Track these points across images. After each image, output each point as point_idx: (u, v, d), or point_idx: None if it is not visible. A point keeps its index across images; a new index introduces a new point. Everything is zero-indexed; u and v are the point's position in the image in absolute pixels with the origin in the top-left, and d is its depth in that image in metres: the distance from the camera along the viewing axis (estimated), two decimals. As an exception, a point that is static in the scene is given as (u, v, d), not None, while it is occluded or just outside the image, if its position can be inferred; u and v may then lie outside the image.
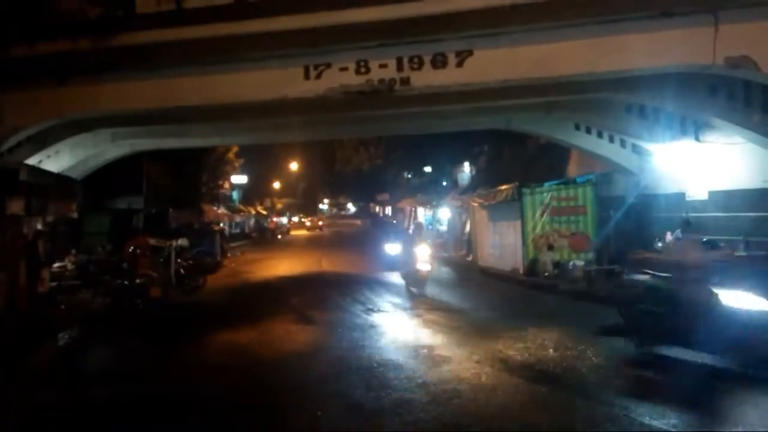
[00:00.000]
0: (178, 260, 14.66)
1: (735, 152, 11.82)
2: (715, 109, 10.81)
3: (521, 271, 15.28)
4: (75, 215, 15.14)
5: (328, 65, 9.90)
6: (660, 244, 12.34)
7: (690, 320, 6.66)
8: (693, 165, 12.95)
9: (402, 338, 9.33)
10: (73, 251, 14.25)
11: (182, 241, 15.66)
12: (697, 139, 12.42)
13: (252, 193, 50.30)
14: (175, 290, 14.01)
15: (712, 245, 8.43)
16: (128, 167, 20.68)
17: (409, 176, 46.03)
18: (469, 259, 19.31)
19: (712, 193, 12.69)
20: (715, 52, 8.47)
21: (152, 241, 14.38)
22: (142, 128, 15.66)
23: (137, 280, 12.49)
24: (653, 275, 7.75)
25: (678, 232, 12.22)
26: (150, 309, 12.16)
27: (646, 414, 5.51)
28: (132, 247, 13.90)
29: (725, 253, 8.25)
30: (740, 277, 6.70)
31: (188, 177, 29.80)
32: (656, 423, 5.30)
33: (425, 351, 8.34)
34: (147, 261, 13.68)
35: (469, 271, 18.20)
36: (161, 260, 14.19)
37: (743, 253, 9.02)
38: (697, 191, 13.04)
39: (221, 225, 30.19)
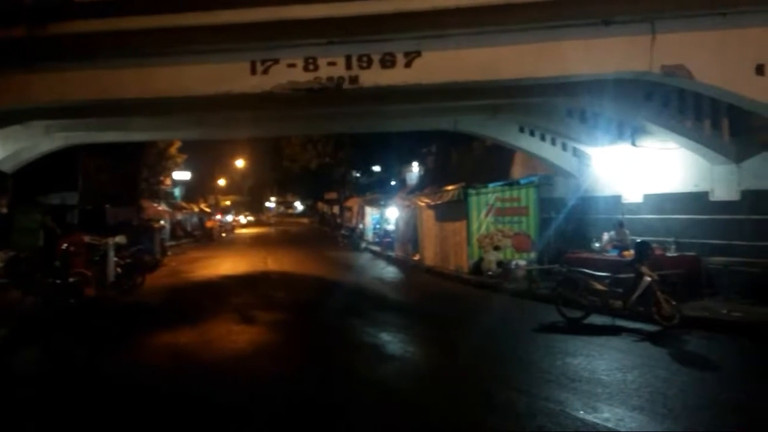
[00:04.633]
0: (115, 258, 14.12)
1: (668, 157, 12.38)
2: (650, 114, 11.31)
3: (465, 270, 15.47)
4: (5, 210, 14.37)
5: (276, 61, 9.75)
6: (597, 245, 12.79)
7: None
8: (629, 169, 13.49)
9: (351, 336, 9.33)
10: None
11: (119, 239, 15.06)
12: (633, 143, 12.96)
13: (196, 191, 49.11)
14: (111, 290, 13.49)
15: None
16: (63, 161, 19.85)
17: (358, 175, 45.94)
18: (416, 258, 19.43)
19: (646, 197, 13.23)
20: (651, 60, 8.81)
21: (87, 239, 13.81)
22: (78, 121, 15.05)
23: (71, 279, 11.98)
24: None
25: (613, 233, 12.71)
26: (84, 309, 11.68)
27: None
28: (65, 245, 13.32)
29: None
30: None
31: (127, 172, 28.80)
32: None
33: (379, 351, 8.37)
34: (81, 259, 13.13)
35: (414, 271, 18.33)
36: (97, 258, 13.65)
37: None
38: (633, 195, 13.58)
39: (161, 222, 29.28)
